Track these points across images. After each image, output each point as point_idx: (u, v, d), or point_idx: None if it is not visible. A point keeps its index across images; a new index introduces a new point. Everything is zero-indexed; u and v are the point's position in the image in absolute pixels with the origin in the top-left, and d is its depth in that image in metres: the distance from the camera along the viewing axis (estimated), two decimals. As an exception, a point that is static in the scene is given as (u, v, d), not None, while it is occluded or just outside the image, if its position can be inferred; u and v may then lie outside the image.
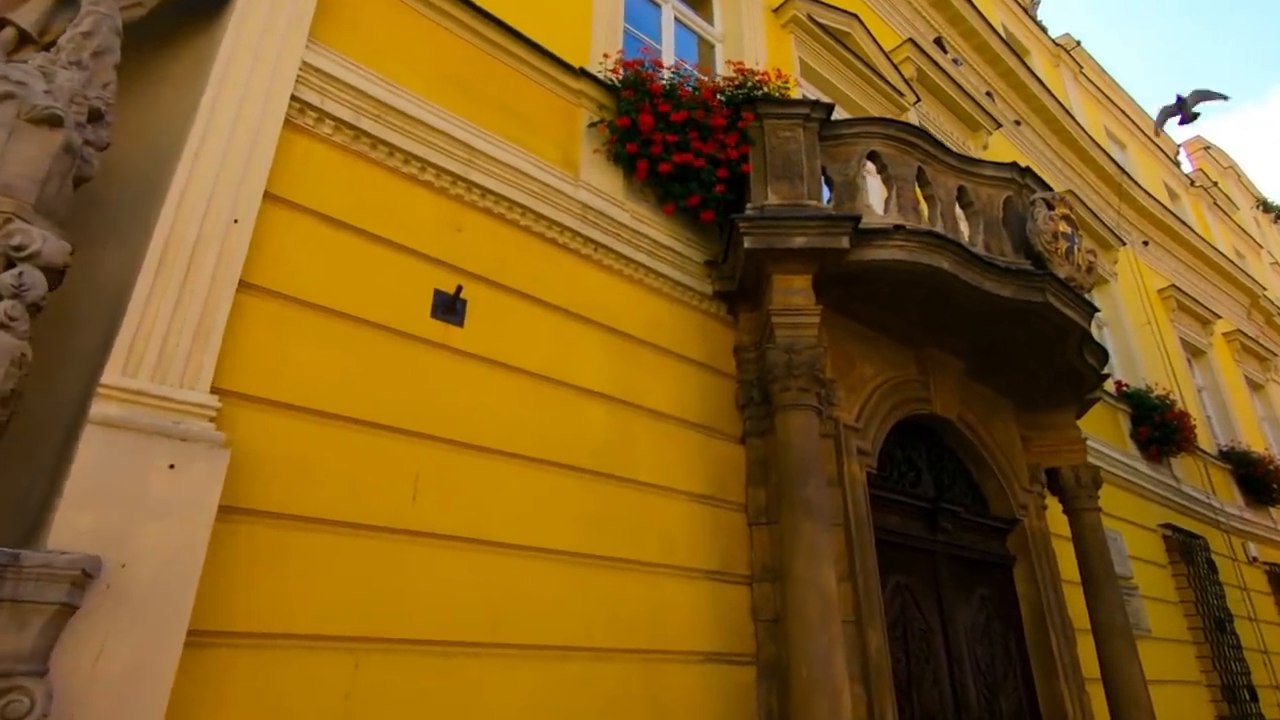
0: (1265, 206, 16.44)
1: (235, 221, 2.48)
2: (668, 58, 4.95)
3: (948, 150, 4.60)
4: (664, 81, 4.11)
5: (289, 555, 2.35)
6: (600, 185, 3.92)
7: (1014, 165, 4.73)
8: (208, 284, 2.35)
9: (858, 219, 3.82)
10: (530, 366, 3.25)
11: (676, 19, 5.50)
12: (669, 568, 3.42)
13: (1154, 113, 14.91)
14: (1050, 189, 4.72)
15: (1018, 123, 9.75)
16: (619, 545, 3.25)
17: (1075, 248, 4.58)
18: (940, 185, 4.49)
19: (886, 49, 7.28)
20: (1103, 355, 5.22)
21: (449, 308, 3.03)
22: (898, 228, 3.92)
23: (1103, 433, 7.74)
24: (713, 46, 5.72)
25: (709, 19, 5.85)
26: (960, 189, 4.60)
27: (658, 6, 5.40)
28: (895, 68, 7.17)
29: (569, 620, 2.94)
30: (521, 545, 2.91)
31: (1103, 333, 9.76)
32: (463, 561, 2.72)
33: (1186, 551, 8.15)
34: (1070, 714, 4.68)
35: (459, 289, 3.04)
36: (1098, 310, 4.74)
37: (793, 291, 3.84)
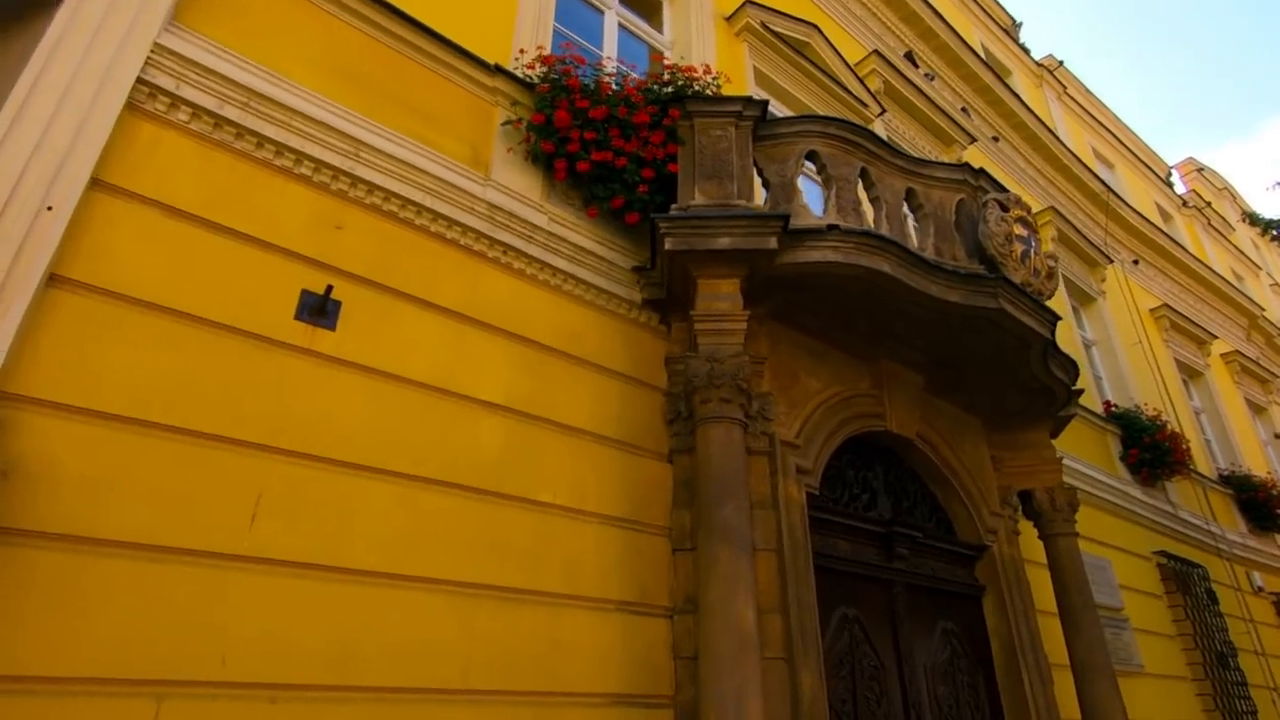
0: (1252, 220, 16.16)
1: (49, 209, 2.22)
2: (610, 65, 4.76)
3: (895, 151, 4.36)
4: (584, 77, 3.89)
5: (85, 585, 2.05)
6: (515, 186, 3.68)
7: (966, 166, 4.48)
8: (2, 275, 2.08)
9: (786, 218, 3.55)
10: (416, 375, 2.96)
11: (621, 25, 5.33)
12: (574, 599, 3.08)
13: (1144, 136, 14.74)
14: (1006, 190, 4.45)
15: (995, 139, 9.56)
16: (512, 574, 2.93)
17: (1032, 251, 4.29)
18: (886, 187, 4.23)
19: (851, 61, 7.11)
20: (1072, 368, 4.90)
21: (318, 310, 2.75)
22: (832, 227, 3.65)
23: (1090, 455, 7.38)
24: (662, 55, 5.54)
25: (658, 27, 5.69)
26: (909, 191, 4.34)
27: (600, 12, 5.23)
28: (859, 80, 6.99)
29: (442, 660, 2.61)
30: (387, 574, 2.59)
31: (1090, 352, 9.44)
32: (309, 592, 2.40)
33: (1184, 581, 7.70)
34: (1044, 761, 4.25)
35: (329, 289, 2.78)
36: (1059, 318, 4.44)
37: (719, 297, 3.56)
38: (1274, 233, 16.12)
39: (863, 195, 4.29)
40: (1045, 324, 4.29)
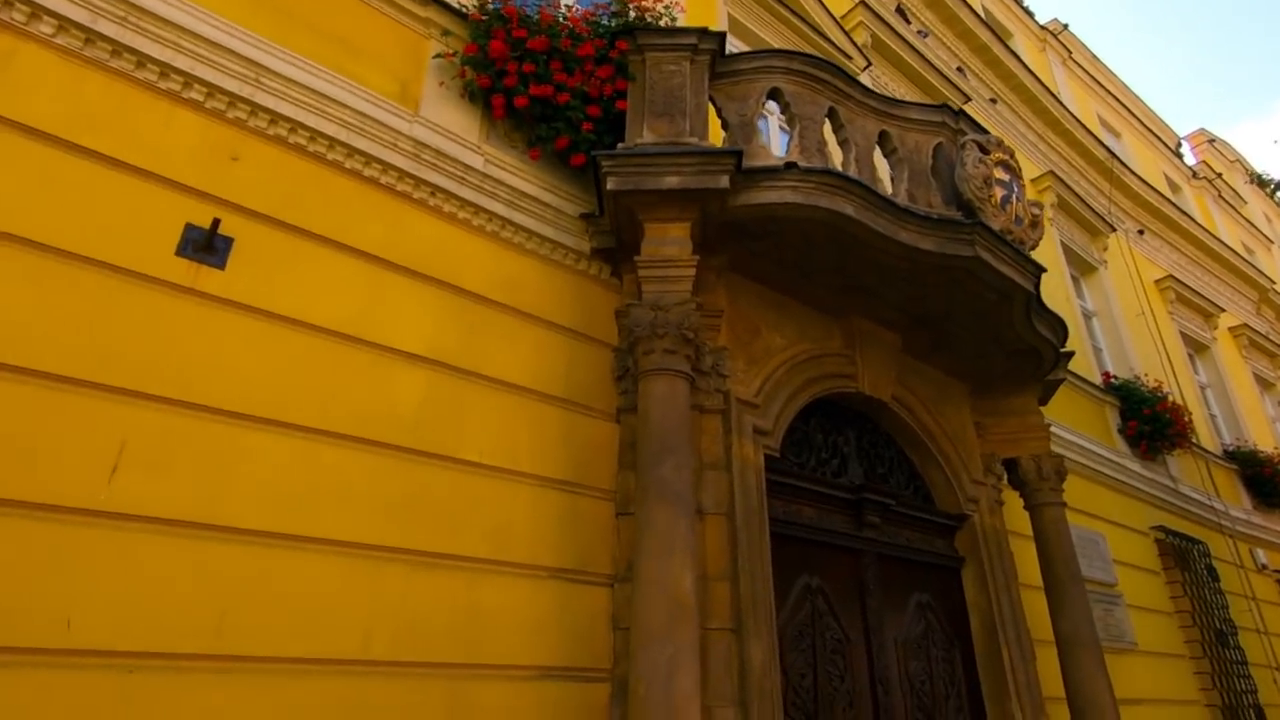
0: (1260, 182, 15.65)
1: None
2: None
3: (868, 91, 4.04)
4: (523, 6, 3.59)
5: (-98, 539, 1.81)
6: (447, 124, 3.40)
7: (945, 107, 4.16)
8: None
9: (739, 154, 3.26)
10: (322, 321, 2.71)
11: (582, -33, 5.00)
12: (500, 564, 2.84)
13: (1154, 107, 14.26)
14: (987, 133, 4.13)
15: (993, 101, 9.16)
16: (427, 537, 2.68)
17: (1014, 197, 3.98)
18: (857, 129, 3.92)
19: (837, 13, 6.76)
20: (1060, 328, 4.60)
21: (204, 246, 2.49)
22: (790, 165, 3.36)
23: (1086, 426, 7.08)
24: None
25: (624, -29, 5.34)
26: (882, 135, 4.03)
27: (559, -47, 4.90)
28: (845, 32, 6.64)
29: (339, 628, 2.37)
30: (276, 534, 2.35)
31: (1090, 323, 9.11)
32: (179, 552, 2.16)
33: (1183, 557, 7.41)
34: (1023, 741, 4.01)
35: (215, 223, 2.51)
36: (1043, 270, 4.13)
37: (666, 242, 3.28)
38: (1280, 194, 15.62)
39: (832, 139, 3.99)
40: (1028, 276, 3.99)
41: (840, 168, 3.74)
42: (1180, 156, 15.56)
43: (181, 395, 2.31)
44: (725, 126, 3.75)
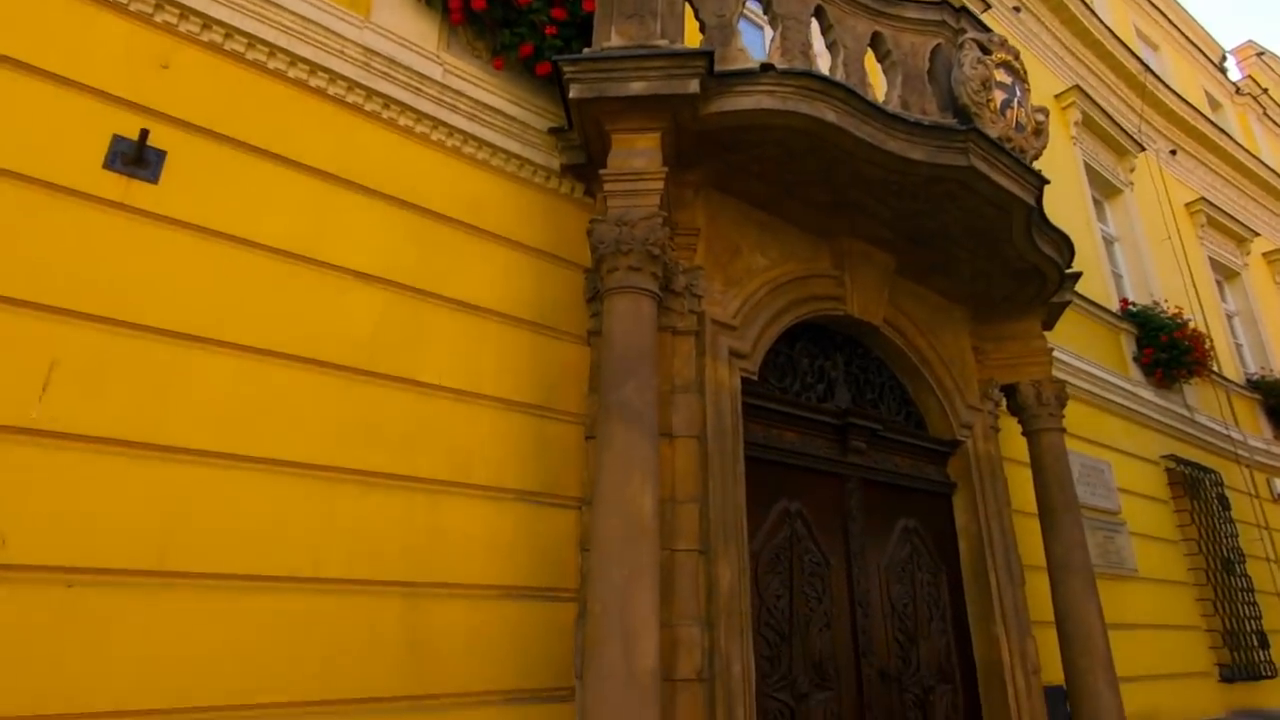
0: None
1: None
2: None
3: (860, -13, 3.73)
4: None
5: None
6: (402, 31, 3.20)
7: (945, 5, 3.83)
8: None
9: (710, 55, 3.03)
10: (265, 239, 2.61)
11: None
12: (464, 486, 2.81)
13: (1199, 18, 13.26)
14: (990, 31, 3.82)
15: (1016, 9, 8.55)
16: (382, 459, 2.64)
17: (1015, 102, 3.70)
18: (846, 30, 3.64)
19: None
20: (1065, 245, 4.36)
21: (133, 159, 2.38)
22: (766, 68, 3.13)
23: (1098, 354, 6.86)
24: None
25: None
26: (875, 36, 3.74)
27: None
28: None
29: (288, 547, 2.36)
30: (221, 453, 2.32)
31: (1112, 249, 8.73)
32: (117, 470, 2.14)
33: (1193, 486, 7.27)
34: (1006, 662, 4.01)
35: (144, 134, 2.39)
36: (1046, 182, 3.87)
37: (634, 154, 3.10)
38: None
39: (819, 41, 3.72)
40: (1028, 188, 3.75)
41: (827, 72, 3.48)
42: (1224, 71, 14.58)
43: (115, 314, 2.25)
44: (703, 28, 3.49)
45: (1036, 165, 4.03)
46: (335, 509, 2.49)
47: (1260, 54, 17.41)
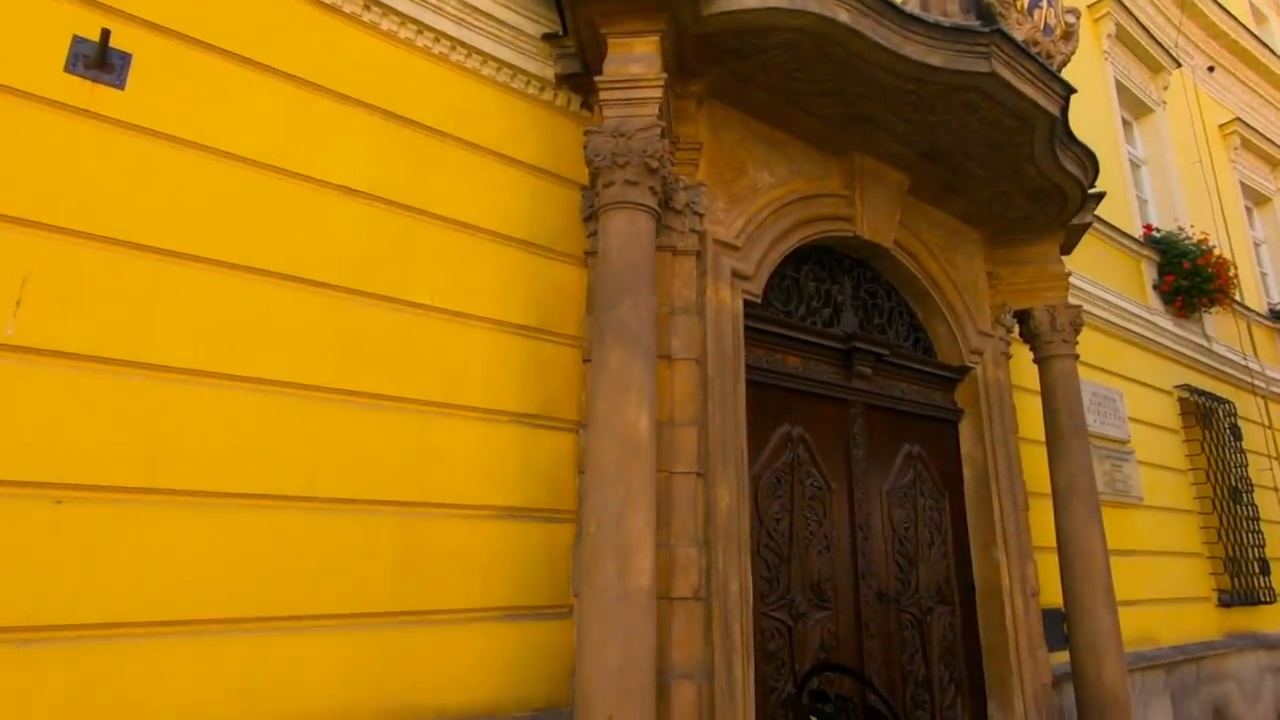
0: None
1: None
2: None
3: (880, -126, 3.41)
4: None
5: None
6: (382, -75, 2.97)
7: (973, -108, 3.51)
8: None
9: (712, -52, 2.80)
10: (242, 150, 2.48)
11: None
12: (455, 408, 2.77)
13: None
14: (1021, -76, 3.51)
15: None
16: (374, 379, 2.59)
17: (1045, 1, 3.43)
18: (863, -79, 3.35)
19: None
20: (1089, 162, 4.15)
21: (96, 62, 2.25)
22: (773, -38, 2.89)
23: (1117, 281, 6.67)
24: None
25: None
26: (895, -71, 3.44)
27: None
28: None
29: (279, 466, 2.34)
30: (206, 372, 2.27)
31: (1139, 172, 8.38)
32: (100, 387, 2.10)
33: (1206, 415, 7.19)
34: (1005, 585, 4.03)
35: (105, 35, 2.25)
36: (1073, 90, 3.64)
37: (631, 59, 2.91)
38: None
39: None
40: (1054, 97, 3.52)
41: (841, -30, 3.22)
42: (1273, -19, 13.64)
43: (87, 227, 2.16)
44: (708, -77, 3.22)
45: (1064, 75, 3.78)
46: (326, 428, 2.46)
47: (1313, -38, 16.27)
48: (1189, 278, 7.18)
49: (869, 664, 3.53)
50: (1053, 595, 4.51)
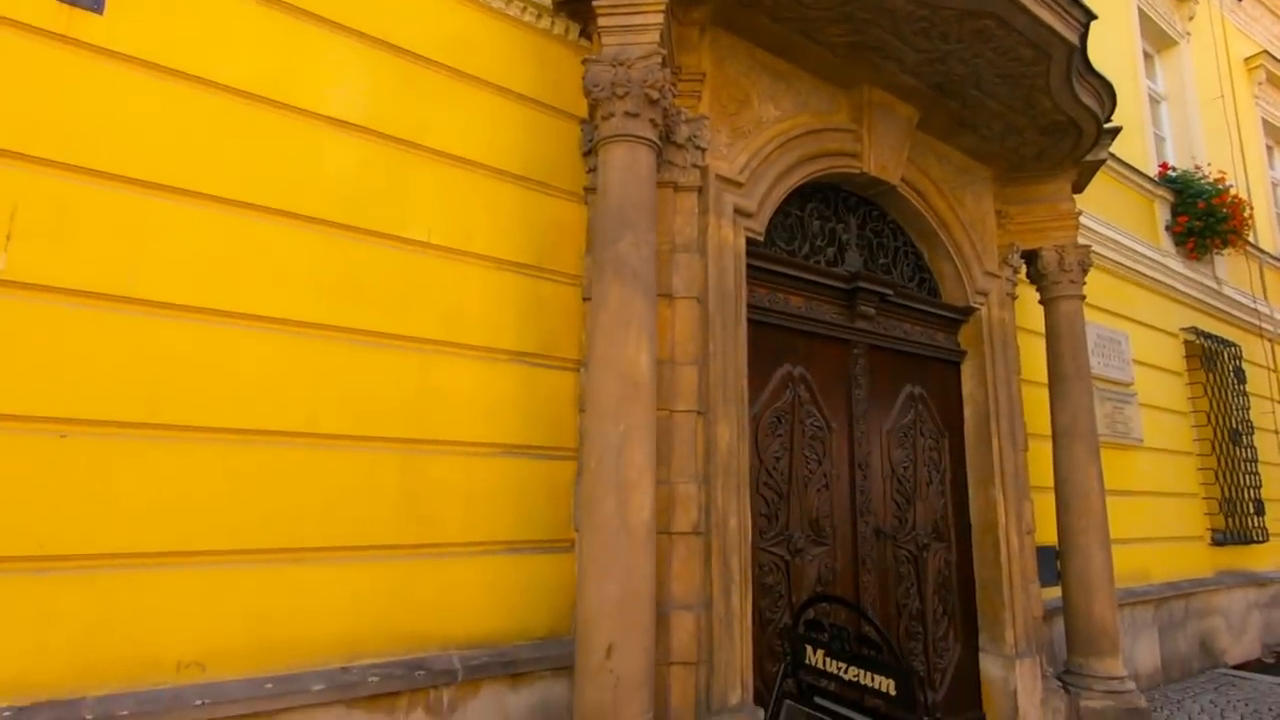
0: None
1: None
2: None
3: None
4: None
5: None
6: None
7: None
8: None
9: None
10: (229, 80, 2.41)
11: None
12: (457, 346, 2.76)
13: None
14: None
15: None
16: (372, 317, 2.58)
17: (1067, -81, 3.25)
18: None
19: None
20: (1107, 94, 4.01)
21: (73, -16, 2.15)
22: (781, -125, 2.73)
23: (1128, 222, 6.54)
24: None
25: None
26: None
27: None
28: None
29: (280, 402, 2.35)
30: (203, 309, 2.26)
31: (1158, 109, 8.12)
32: (98, 324, 2.09)
33: (1211, 358, 7.16)
34: (1002, 523, 4.09)
35: (78, -46, 2.15)
36: (1093, 17, 3.48)
37: (631, -17, 2.78)
38: None
39: None
40: (1072, 25, 3.37)
41: (853, -116, 3.05)
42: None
43: (75, 159, 2.11)
44: None
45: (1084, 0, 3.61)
46: (325, 366, 2.46)
47: (1355, -118, 15.36)
48: (1203, 218, 7.04)
49: (865, 597, 3.62)
50: (1048, 534, 4.59)
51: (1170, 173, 7.29)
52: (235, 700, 2.07)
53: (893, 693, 2.17)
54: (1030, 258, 4.65)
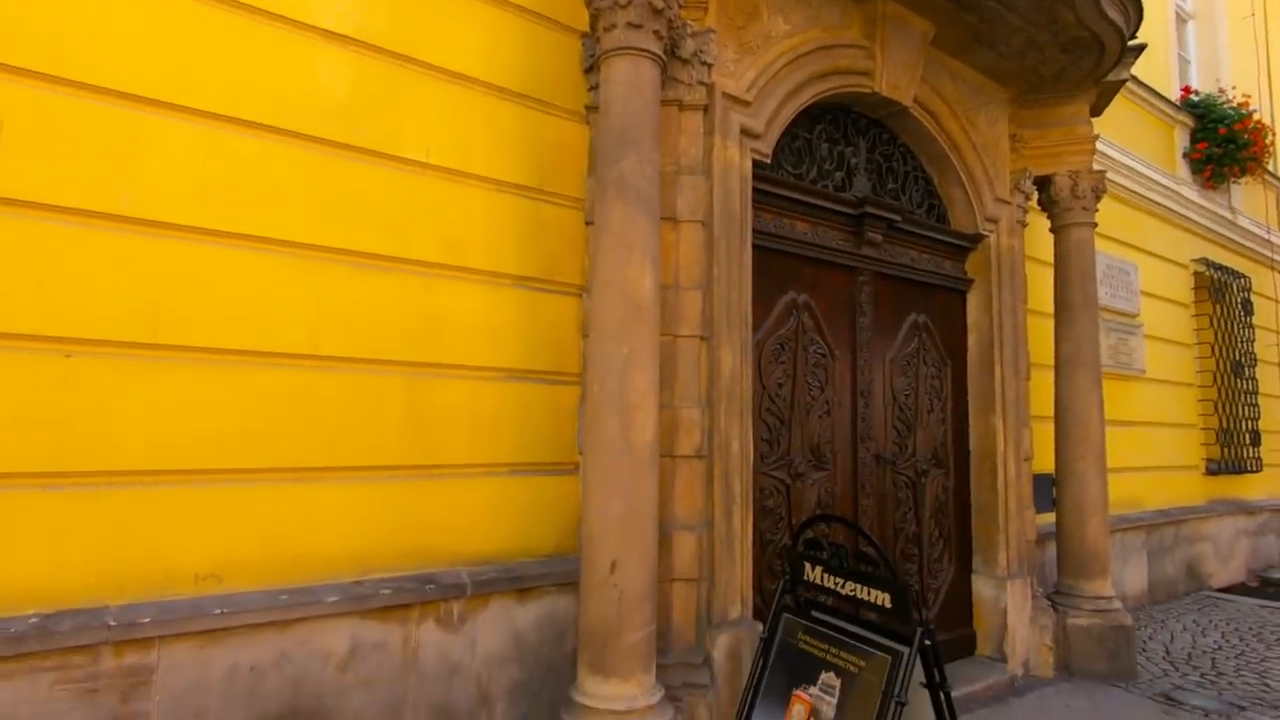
0: None
1: None
2: None
3: None
4: None
5: None
6: None
7: None
8: None
9: None
10: (214, -14, 2.30)
11: None
12: (457, 270, 2.73)
13: None
14: None
15: None
16: (372, 239, 2.54)
17: None
18: None
19: None
20: (1133, 8, 3.82)
21: (41, -122, 2.03)
22: None
23: (1144, 148, 6.36)
24: None
25: None
26: None
27: None
28: None
29: (283, 324, 2.34)
30: (200, 228, 2.22)
31: (1185, 29, 7.78)
32: (91, 240, 2.06)
33: (1219, 290, 7.10)
34: (1000, 450, 4.14)
35: None
36: (1124, -80, 3.28)
37: (634, -121, 2.61)
38: None
39: None
40: (1102, -71, 3.18)
41: None
42: None
43: (59, 71, 2.03)
44: None
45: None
46: (326, 288, 2.44)
47: None
48: (1222, 145, 6.85)
49: (863, 521, 3.69)
50: (1045, 462, 4.65)
51: (1192, 96, 7.05)
52: (252, 610, 2.15)
53: (888, 606, 2.24)
54: (1042, 184, 4.54)
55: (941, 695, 2.18)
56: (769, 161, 3.26)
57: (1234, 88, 7.27)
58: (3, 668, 1.81)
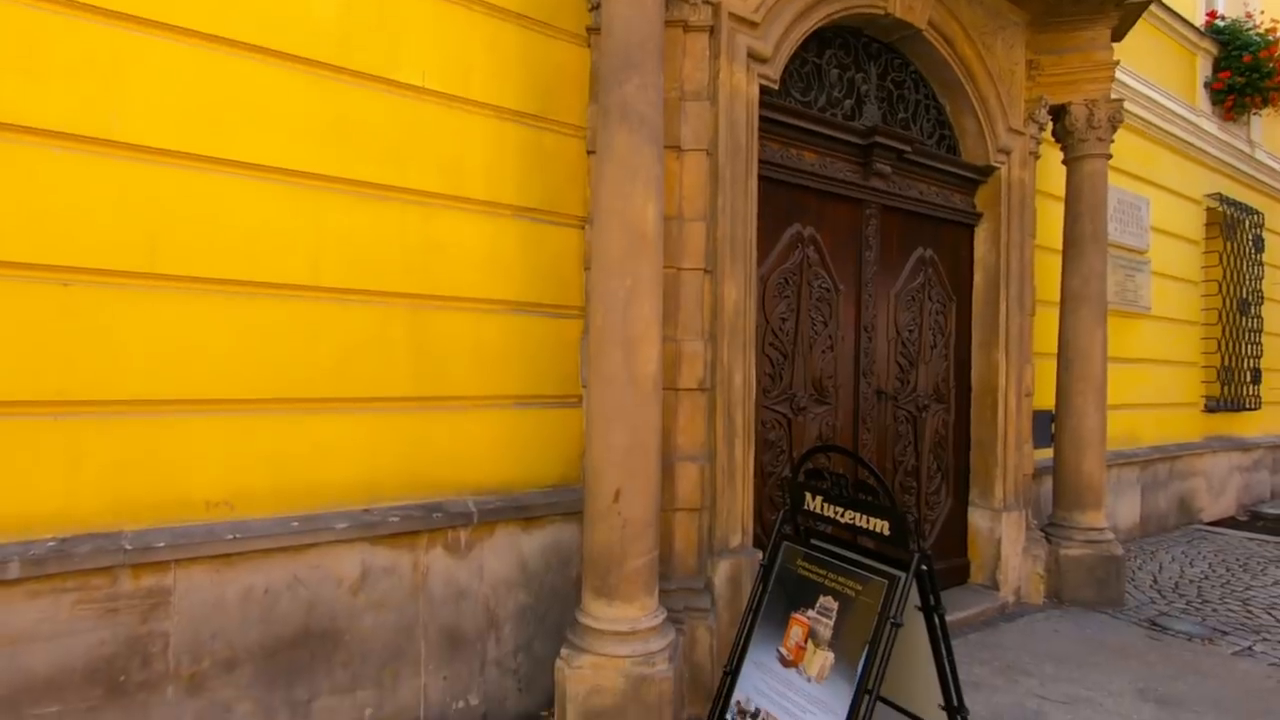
0: None
1: None
2: None
3: None
4: None
5: None
6: None
7: None
8: None
9: None
10: (193, -106, 2.17)
11: None
12: (459, 200, 2.68)
13: None
14: None
15: None
16: (370, 168, 2.48)
17: None
18: None
19: None
20: (1163, -78, 3.62)
21: None
22: None
23: (1164, 77, 6.15)
24: None
25: None
26: None
27: None
28: None
29: (282, 254, 2.31)
30: (193, 154, 2.17)
31: (1214, -53, 7.39)
32: (85, 167, 2.01)
33: (1231, 226, 6.98)
34: (1001, 385, 4.15)
35: None
36: None
37: None
38: None
39: None
40: None
41: None
42: None
43: (34, -15, 1.94)
44: None
45: None
46: (326, 217, 2.40)
47: None
48: (1246, 73, 6.61)
49: (863, 454, 3.74)
50: (1046, 399, 4.67)
51: (1218, 22, 6.77)
52: (264, 536, 2.20)
53: (887, 533, 2.28)
54: (1057, 113, 4.40)
55: (936, 618, 2.25)
56: (776, 87, 3.16)
57: (1262, 12, 6.97)
58: (27, 587, 1.86)
